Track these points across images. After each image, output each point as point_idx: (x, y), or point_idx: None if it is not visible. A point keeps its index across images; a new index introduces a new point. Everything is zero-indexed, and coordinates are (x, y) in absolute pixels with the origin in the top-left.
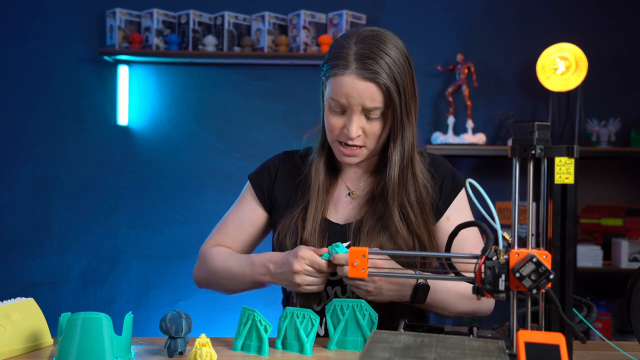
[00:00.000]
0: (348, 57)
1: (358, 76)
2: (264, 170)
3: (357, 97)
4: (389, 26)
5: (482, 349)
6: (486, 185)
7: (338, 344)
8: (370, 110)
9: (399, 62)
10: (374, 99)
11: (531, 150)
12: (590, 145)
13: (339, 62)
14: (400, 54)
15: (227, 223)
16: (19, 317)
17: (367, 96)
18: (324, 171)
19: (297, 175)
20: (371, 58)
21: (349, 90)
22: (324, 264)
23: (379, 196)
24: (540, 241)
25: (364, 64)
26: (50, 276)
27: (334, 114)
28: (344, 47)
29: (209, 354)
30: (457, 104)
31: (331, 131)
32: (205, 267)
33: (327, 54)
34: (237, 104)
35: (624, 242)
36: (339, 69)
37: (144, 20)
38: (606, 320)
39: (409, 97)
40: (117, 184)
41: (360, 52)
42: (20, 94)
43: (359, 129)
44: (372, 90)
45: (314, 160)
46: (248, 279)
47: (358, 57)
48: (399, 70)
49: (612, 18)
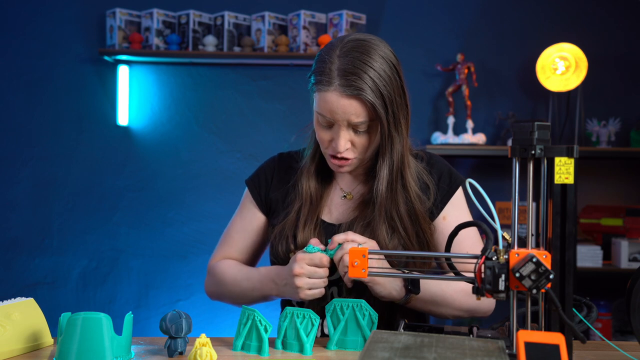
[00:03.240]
0: (331, 73)
1: (341, 93)
2: (260, 173)
3: (341, 114)
4: (389, 26)
5: (482, 349)
6: (486, 185)
7: (338, 344)
8: (356, 125)
9: (384, 74)
10: (359, 115)
11: (531, 150)
12: (590, 145)
13: (323, 78)
14: (387, 65)
15: (231, 234)
16: (19, 317)
17: (351, 112)
18: (315, 178)
19: (292, 177)
20: (354, 74)
21: (333, 107)
22: (324, 258)
23: (370, 201)
24: (540, 241)
25: (347, 80)
26: (50, 276)
27: (322, 127)
28: (327, 61)
29: (209, 354)
30: (457, 104)
31: (321, 143)
32: (215, 281)
33: (312, 65)
34: (237, 104)
35: (624, 242)
36: (323, 85)
37: (144, 20)
38: (606, 320)
39: (397, 109)
40: (117, 184)
41: (343, 67)
42: (20, 94)
43: (347, 142)
44: (355, 106)
45: (305, 167)
46: (257, 293)
47: (341, 73)
48: (384, 83)
49: (612, 18)
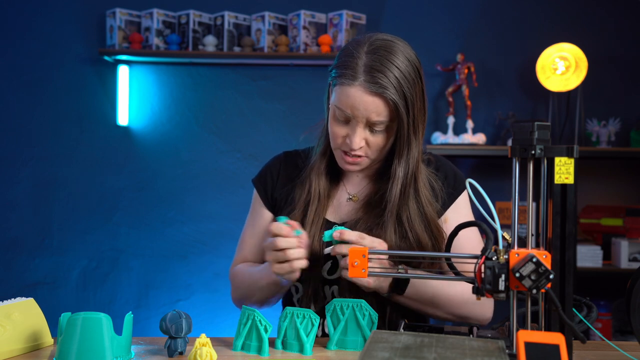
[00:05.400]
0: (357, 67)
1: (365, 89)
2: (266, 172)
3: (362, 110)
4: (389, 26)
5: (482, 349)
6: (486, 185)
7: (338, 344)
8: (375, 124)
9: (409, 75)
10: (380, 113)
11: (531, 150)
12: (590, 145)
13: (347, 72)
14: (412, 67)
15: (245, 239)
16: (19, 317)
17: (373, 110)
18: (324, 176)
19: (298, 176)
20: (380, 71)
21: (355, 103)
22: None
23: (376, 203)
24: (540, 241)
25: (373, 77)
26: (50, 276)
27: (338, 122)
28: (354, 56)
29: (209, 354)
30: (457, 104)
31: (334, 139)
32: (236, 286)
33: (336, 58)
34: (237, 104)
35: (624, 242)
36: (347, 79)
37: (144, 20)
38: (606, 320)
39: (417, 113)
40: (117, 184)
41: (369, 63)
42: (20, 94)
43: (362, 140)
44: (378, 104)
45: (315, 164)
46: (264, 281)
47: (367, 69)
48: (408, 84)
49: (612, 18)
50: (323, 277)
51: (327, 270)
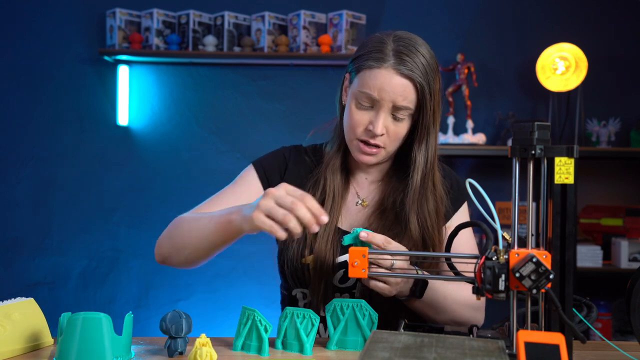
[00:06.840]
0: (386, 51)
1: (396, 71)
2: (273, 159)
3: (390, 93)
4: (389, 26)
5: (482, 349)
6: (486, 185)
7: (338, 344)
8: (399, 109)
9: (431, 66)
10: (406, 97)
11: (531, 150)
12: (590, 145)
13: (377, 55)
14: (433, 60)
15: (221, 197)
16: (19, 317)
17: (400, 93)
18: (340, 173)
19: (306, 172)
20: (409, 56)
21: (383, 85)
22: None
23: (389, 207)
24: (540, 241)
25: (402, 60)
26: (50, 276)
27: (361, 108)
28: (383, 41)
29: (209, 354)
30: (457, 104)
31: (354, 128)
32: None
33: (359, 49)
34: (237, 104)
35: (624, 242)
36: (376, 61)
37: (144, 20)
38: (606, 320)
39: (436, 103)
40: (117, 184)
41: (398, 49)
42: (20, 94)
43: (384, 127)
44: (406, 87)
45: (330, 161)
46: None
47: (396, 54)
48: (432, 73)
49: (612, 18)
50: (333, 285)
51: (339, 279)
